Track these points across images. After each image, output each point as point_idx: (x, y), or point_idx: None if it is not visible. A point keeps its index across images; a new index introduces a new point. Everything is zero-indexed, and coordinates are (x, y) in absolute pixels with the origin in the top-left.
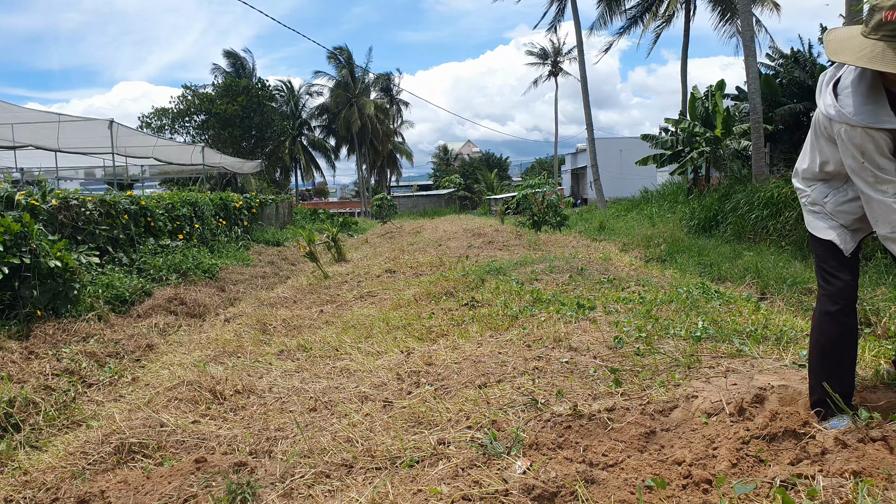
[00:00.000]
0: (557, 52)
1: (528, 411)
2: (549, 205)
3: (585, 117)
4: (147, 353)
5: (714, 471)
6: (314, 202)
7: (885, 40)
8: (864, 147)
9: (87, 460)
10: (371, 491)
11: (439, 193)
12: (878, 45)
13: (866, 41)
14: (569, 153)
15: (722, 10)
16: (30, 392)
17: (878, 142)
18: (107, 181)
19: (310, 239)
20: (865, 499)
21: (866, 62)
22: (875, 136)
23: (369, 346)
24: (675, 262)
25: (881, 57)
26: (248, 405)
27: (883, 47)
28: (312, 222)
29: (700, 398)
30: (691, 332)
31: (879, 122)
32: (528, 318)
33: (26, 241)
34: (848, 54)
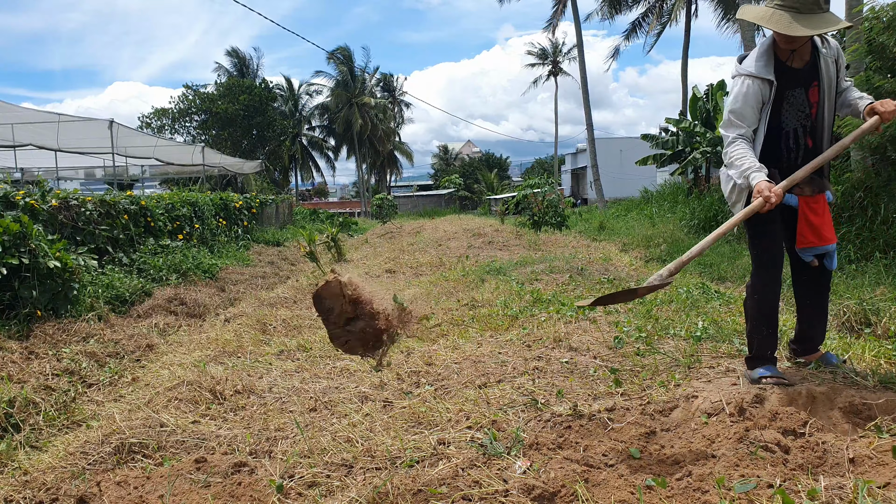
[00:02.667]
0: (557, 52)
1: (528, 411)
2: (549, 205)
3: (585, 117)
4: (147, 353)
5: (714, 471)
6: (314, 202)
7: (776, 8)
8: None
9: (87, 460)
10: (371, 491)
11: (439, 193)
12: (770, 10)
13: (764, 8)
14: (569, 153)
15: (724, 8)
16: (30, 392)
17: (750, 88)
18: (107, 181)
19: (310, 239)
20: (865, 499)
21: (753, 18)
22: (750, 84)
23: None
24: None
25: (768, 18)
26: (248, 405)
27: (773, 12)
28: (312, 222)
29: (700, 398)
30: (691, 332)
31: (758, 72)
32: (528, 318)
33: (25, 241)
34: (747, 13)
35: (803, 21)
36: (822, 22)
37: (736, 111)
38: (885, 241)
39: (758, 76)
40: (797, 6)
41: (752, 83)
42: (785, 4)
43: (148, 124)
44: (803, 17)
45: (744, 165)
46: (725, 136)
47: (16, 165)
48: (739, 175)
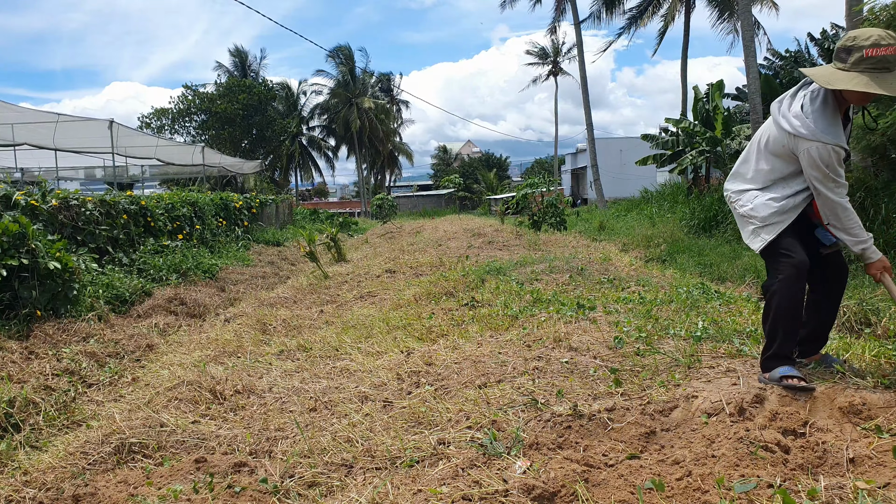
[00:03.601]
0: (557, 52)
1: (528, 411)
2: (548, 204)
3: (585, 117)
4: (147, 353)
5: (714, 471)
6: (314, 202)
7: (867, 73)
8: (830, 160)
9: (87, 460)
10: (371, 491)
11: (439, 193)
12: (863, 76)
13: (851, 73)
14: (568, 153)
15: (720, 8)
16: (30, 392)
17: (840, 155)
18: (107, 181)
19: (310, 239)
20: (865, 499)
21: (863, 87)
22: (838, 151)
23: (369, 346)
24: (675, 262)
25: (872, 83)
26: (248, 405)
27: (868, 77)
28: (312, 222)
29: (700, 398)
30: (691, 332)
31: (841, 141)
32: (528, 318)
33: (24, 241)
34: (844, 83)
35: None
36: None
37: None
38: (885, 240)
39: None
40: (888, 65)
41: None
42: (878, 67)
43: (148, 124)
44: (892, 76)
45: (863, 235)
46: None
47: (16, 165)
48: (857, 243)
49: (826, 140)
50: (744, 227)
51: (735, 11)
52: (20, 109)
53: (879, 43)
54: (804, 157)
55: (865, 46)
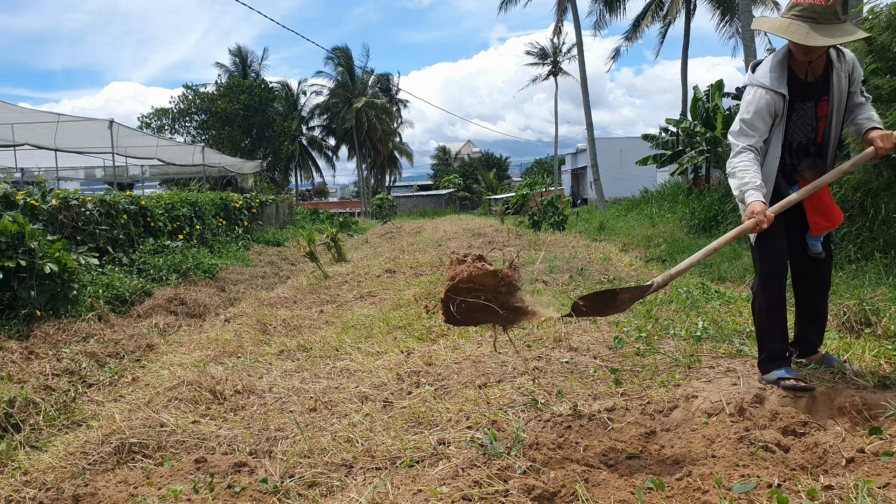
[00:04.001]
0: (557, 52)
1: (528, 411)
2: (548, 204)
3: (585, 117)
4: (147, 353)
5: (714, 471)
6: (314, 202)
7: (793, 18)
8: (750, 101)
9: (87, 460)
10: (371, 491)
11: (439, 193)
12: (787, 20)
13: (781, 19)
14: (569, 153)
15: (722, 10)
16: (30, 392)
17: (761, 99)
18: (107, 181)
19: (310, 239)
20: (865, 499)
21: (777, 31)
22: (760, 94)
23: (369, 346)
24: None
25: (785, 28)
26: (248, 405)
27: (790, 22)
28: (312, 222)
29: (700, 398)
30: (691, 332)
31: (772, 84)
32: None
33: (23, 241)
34: (766, 24)
35: (821, 31)
36: (839, 32)
37: (747, 121)
38: (885, 240)
39: (771, 88)
40: (815, 16)
41: (766, 94)
42: (803, 15)
43: (148, 124)
44: (821, 28)
45: (744, 179)
46: (734, 144)
47: (16, 165)
48: (737, 188)
49: (755, 81)
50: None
51: (736, 13)
52: (20, 109)
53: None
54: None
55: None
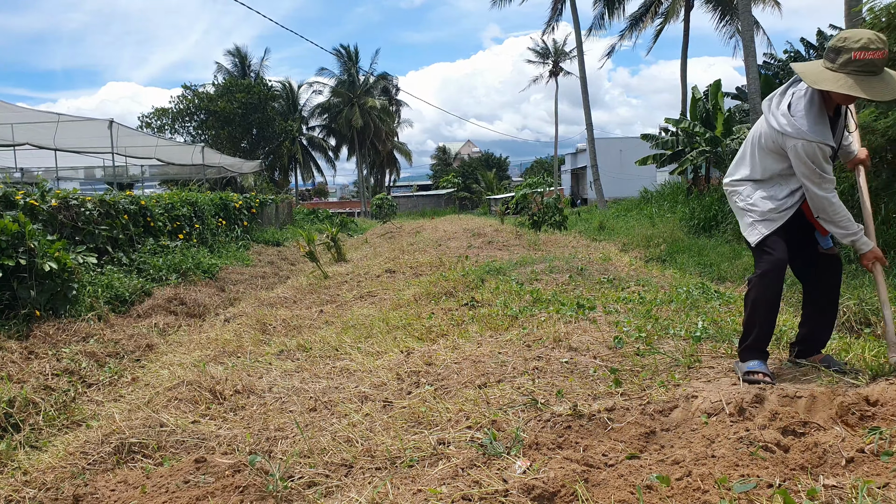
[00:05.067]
0: (558, 52)
1: (528, 411)
2: (548, 205)
3: (585, 117)
4: (147, 353)
5: (714, 471)
6: (314, 202)
7: (853, 74)
8: (815, 157)
9: (87, 460)
10: (371, 491)
11: (439, 193)
12: (848, 77)
13: (838, 74)
14: (568, 153)
15: (722, 10)
16: (30, 392)
17: (825, 152)
18: (107, 181)
19: (309, 239)
20: (865, 499)
21: (846, 89)
22: (823, 149)
23: (369, 346)
24: (675, 262)
25: (853, 86)
26: (248, 405)
27: (853, 79)
28: (312, 222)
29: (700, 398)
30: (691, 332)
31: (826, 139)
32: (528, 318)
33: (23, 241)
34: (830, 84)
35: (879, 82)
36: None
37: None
38: (885, 241)
39: (827, 144)
40: (874, 69)
41: (820, 147)
42: (865, 70)
43: (148, 124)
44: (878, 79)
45: (853, 227)
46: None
47: (15, 165)
48: (846, 235)
49: (810, 138)
50: (742, 218)
51: (735, 12)
52: (20, 109)
53: (868, 46)
54: (791, 154)
55: (854, 49)
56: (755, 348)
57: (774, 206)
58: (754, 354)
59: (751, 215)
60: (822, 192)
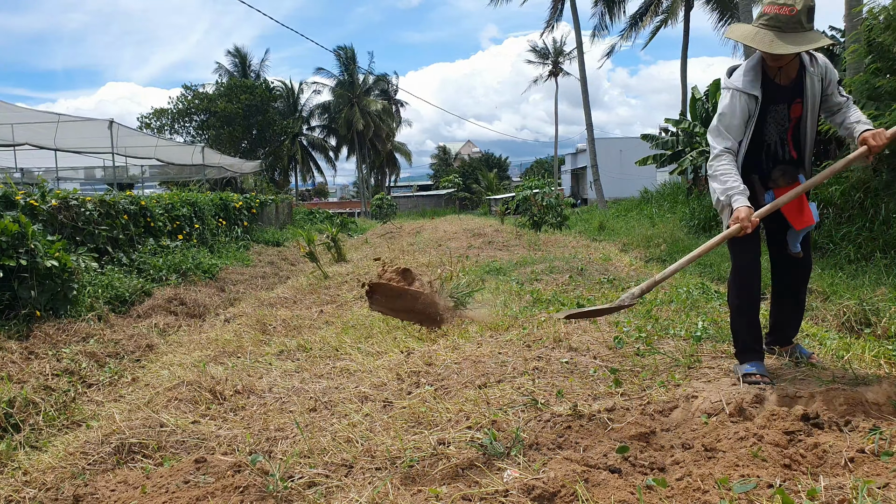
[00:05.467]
0: (558, 52)
1: (528, 411)
2: (548, 205)
3: (585, 118)
4: (147, 353)
5: (714, 471)
6: (314, 202)
7: (760, 27)
8: (728, 105)
9: (87, 460)
10: (371, 491)
11: (439, 194)
12: (755, 29)
13: (750, 27)
14: (568, 153)
15: (721, 10)
16: (30, 392)
17: (741, 102)
18: (107, 182)
19: (309, 239)
20: (865, 499)
21: (738, 37)
22: (739, 98)
23: (369, 346)
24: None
25: (752, 36)
26: (248, 405)
27: (757, 31)
28: (312, 222)
29: (700, 398)
30: (691, 332)
31: (747, 88)
32: (528, 318)
33: (24, 241)
34: (736, 33)
35: (786, 39)
36: (804, 40)
37: (724, 123)
38: (885, 241)
39: (745, 91)
40: (780, 25)
41: (740, 97)
42: (769, 24)
43: (148, 124)
44: (786, 36)
45: (728, 183)
46: (713, 146)
47: (15, 165)
48: (723, 192)
49: (731, 84)
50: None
51: (735, 13)
52: (20, 109)
53: (775, 1)
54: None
55: (766, 2)
56: (747, 349)
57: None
58: (749, 356)
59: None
60: (710, 139)
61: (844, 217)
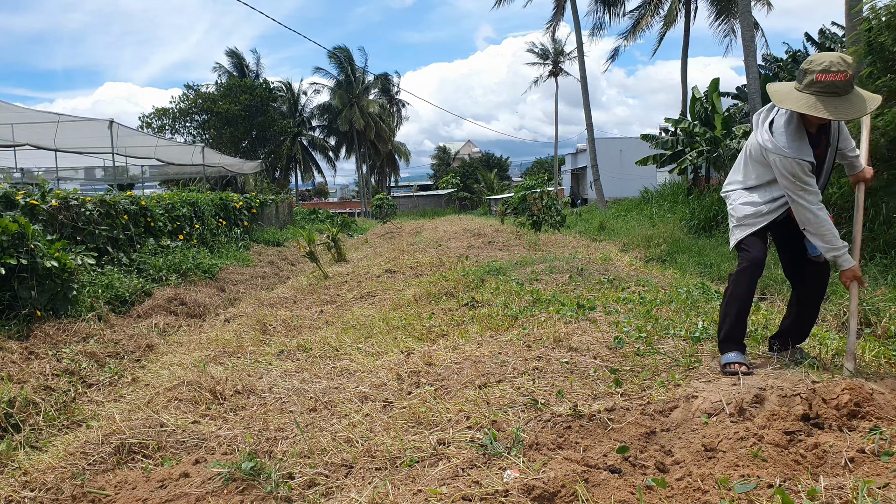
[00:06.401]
0: (559, 52)
1: (528, 411)
2: (547, 205)
3: (585, 118)
4: (147, 353)
5: (714, 471)
6: (314, 202)
7: (816, 95)
8: (794, 171)
9: (87, 460)
10: (371, 491)
11: (439, 194)
12: (811, 97)
13: (802, 94)
14: (568, 153)
15: (718, 9)
16: (30, 392)
17: (804, 167)
18: (107, 182)
19: (310, 239)
20: (865, 499)
21: (805, 109)
22: (801, 163)
23: (369, 347)
24: (675, 262)
25: (815, 106)
26: (248, 405)
27: (815, 99)
28: (312, 222)
29: (700, 398)
30: (691, 332)
31: (803, 155)
32: (528, 318)
33: (23, 241)
34: (792, 103)
35: (845, 103)
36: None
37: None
38: (885, 241)
39: (805, 160)
40: (837, 91)
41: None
42: (826, 91)
43: (149, 124)
44: (843, 100)
45: (837, 244)
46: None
47: (15, 165)
48: (829, 250)
49: (787, 154)
50: (730, 223)
51: (734, 11)
52: (20, 109)
53: (829, 69)
54: (774, 167)
55: (817, 71)
56: (730, 339)
57: (751, 212)
58: (731, 346)
59: (732, 220)
60: (804, 202)
61: (844, 217)
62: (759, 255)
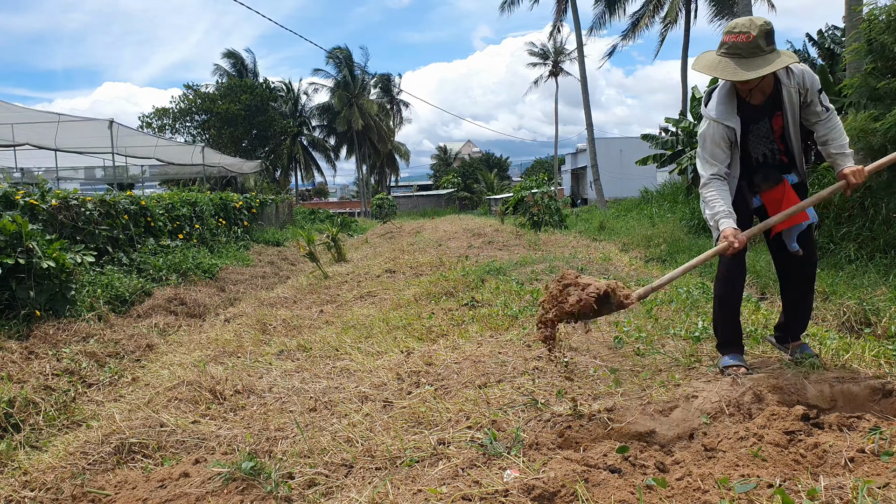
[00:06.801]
0: (559, 52)
1: (528, 411)
2: (547, 205)
3: (585, 118)
4: (147, 353)
5: (714, 471)
6: (314, 202)
7: (722, 55)
8: (710, 135)
9: (87, 460)
10: (371, 491)
11: (439, 193)
12: (718, 58)
13: (713, 56)
14: (568, 153)
15: (718, 6)
16: (30, 392)
17: (721, 132)
18: (107, 181)
19: (309, 239)
20: (865, 499)
21: (703, 68)
22: (717, 128)
23: (369, 346)
24: (676, 262)
25: (716, 66)
26: (248, 405)
27: (720, 60)
28: (312, 222)
29: (700, 398)
30: (691, 332)
31: (724, 119)
32: (528, 318)
33: (21, 241)
34: (699, 65)
35: (749, 65)
36: (765, 63)
37: (707, 151)
38: (885, 241)
39: (722, 122)
40: (740, 52)
41: (718, 127)
42: (729, 52)
43: (148, 124)
44: (748, 62)
45: (715, 209)
46: (701, 174)
47: (16, 165)
48: (711, 217)
49: (711, 116)
50: None
51: (734, 11)
52: (20, 109)
53: (732, 30)
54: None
55: (726, 32)
56: (727, 342)
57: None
58: (729, 349)
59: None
60: (701, 170)
61: (844, 217)
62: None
